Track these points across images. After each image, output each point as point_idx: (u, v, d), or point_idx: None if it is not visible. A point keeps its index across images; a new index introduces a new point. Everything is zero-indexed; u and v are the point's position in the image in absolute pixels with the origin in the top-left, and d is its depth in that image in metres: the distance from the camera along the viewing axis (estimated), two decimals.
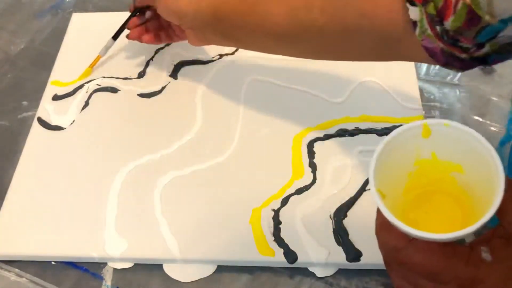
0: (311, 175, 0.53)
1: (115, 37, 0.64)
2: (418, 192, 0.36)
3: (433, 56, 0.37)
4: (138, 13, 0.61)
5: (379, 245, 0.34)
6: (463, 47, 0.36)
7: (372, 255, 0.47)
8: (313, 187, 0.53)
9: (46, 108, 0.62)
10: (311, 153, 0.55)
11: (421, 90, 0.60)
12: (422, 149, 0.35)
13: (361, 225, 0.49)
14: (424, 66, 0.63)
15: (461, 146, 0.34)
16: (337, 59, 0.51)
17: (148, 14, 0.62)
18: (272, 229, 0.50)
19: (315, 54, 0.51)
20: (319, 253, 0.48)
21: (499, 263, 0.30)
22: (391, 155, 0.34)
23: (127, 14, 0.62)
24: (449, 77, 0.62)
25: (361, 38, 0.42)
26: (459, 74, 0.62)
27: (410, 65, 0.61)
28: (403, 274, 0.33)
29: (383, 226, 0.33)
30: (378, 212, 0.33)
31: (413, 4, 0.36)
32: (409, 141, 0.35)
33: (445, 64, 0.38)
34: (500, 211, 0.30)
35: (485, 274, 0.30)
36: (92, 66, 0.63)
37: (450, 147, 0.35)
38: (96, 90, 0.63)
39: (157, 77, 0.64)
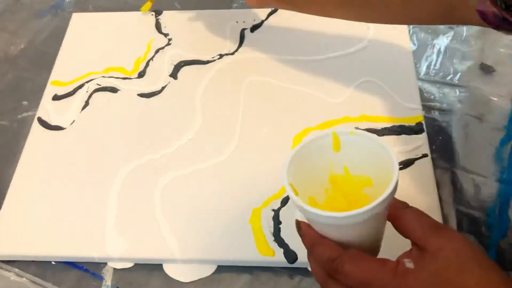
0: None
1: None
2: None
3: (485, 19, 0.41)
4: None
5: (314, 261, 0.36)
6: None
7: None
8: None
9: (46, 108, 0.62)
10: None
11: (421, 90, 0.60)
12: (335, 163, 0.38)
13: None
14: (424, 66, 0.63)
15: (368, 156, 0.36)
16: (395, 22, 0.54)
17: None
18: (272, 229, 0.50)
19: (375, 19, 0.52)
20: None
21: (421, 270, 0.32)
22: (306, 166, 0.37)
23: (127, 15, 0.62)
24: (449, 77, 0.62)
25: (421, 2, 0.45)
26: (459, 74, 0.62)
27: (410, 65, 0.61)
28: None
29: (315, 241, 0.36)
30: (306, 229, 0.36)
31: None
32: (323, 154, 0.38)
33: (497, 27, 0.41)
34: (406, 233, 0.34)
35: (411, 283, 0.32)
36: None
37: (359, 159, 0.37)
38: (96, 90, 0.63)
39: (157, 77, 0.64)
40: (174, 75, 0.64)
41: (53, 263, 0.51)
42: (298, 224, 0.37)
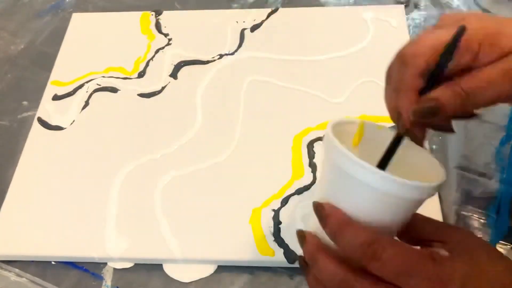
0: (311, 175, 0.53)
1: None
2: None
3: None
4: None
5: (343, 245, 0.31)
6: None
7: None
8: (313, 187, 0.52)
9: (46, 108, 0.62)
10: (311, 153, 0.55)
11: None
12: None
13: None
14: None
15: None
16: None
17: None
18: (272, 229, 0.50)
19: None
20: None
21: (456, 259, 0.30)
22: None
23: (127, 15, 0.62)
24: None
25: None
26: None
27: None
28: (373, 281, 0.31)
29: (345, 221, 0.31)
30: (331, 209, 0.31)
31: None
32: (342, 140, 0.32)
33: None
34: (417, 233, 0.33)
35: (449, 272, 0.30)
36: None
37: (375, 155, 0.34)
38: (96, 90, 0.63)
39: (157, 77, 0.64)
40: (174, 75, 0.64)
41: (53, 263, 0.51)
42: (320, 205, 0.32)
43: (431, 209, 0.50)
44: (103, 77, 0.64)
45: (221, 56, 0.65)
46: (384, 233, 0.31)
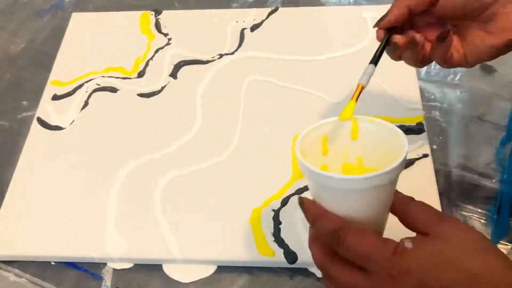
0: None
1: (375, 61, 0.44)
2: None
3: None
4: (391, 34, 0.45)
5: (318, 232, 0.36)
6: None
7: None
8: None
9: (46, 108, 0.62)
10: None
11: (421, 90, 0.60)
12: (351, 151, 0.38)
13: None
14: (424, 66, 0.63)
15: (382, 147, 0.37)
16: None
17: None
18: (272, 229, 0.50)
19: None
20: None
21: (419, 251, 0.32)
22: (319, 148, 0.38)
23: (127, 14, 0.62)
24: (449, 77, 0.62)
25: None
26: (460, 74, 0.62)
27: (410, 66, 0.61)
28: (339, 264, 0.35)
29: (319, 213, 0.35)
30: (309, 204, 0.36)
31: None
32: (340, 139, 0.38)
33: None
34: (412, 224, 0.35)
35: (409, 262, 0.32)
36: (356, 98, 0.41)
37: (373, 150, 0.38)
38: (95, 90, 0.63)
39: (157, 77, 0.64)
40: (174, 75, 0.64)
41: (53, 263, 0.51)
42: (301, 200, 0.37)
43: None
44: (103, 77, 0.64)
45: (221, 56, 0.65)
46: (363, 223, 0.35)
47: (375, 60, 0.43)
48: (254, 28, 0.68)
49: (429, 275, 0.31)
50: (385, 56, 0.45)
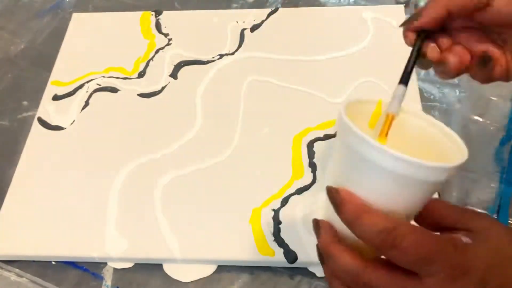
0: (311, 175, 0.53)
1: (405, 81, 0.35)
2: None
3: None
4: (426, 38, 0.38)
5: (360, 233, 0.30)
6: None
7: None
8: (313, 187, 0.53)
9: (46, 108, 0.62)
10: (311, 153, 0.55)
11: (421, 90, 0.60)
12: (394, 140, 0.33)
13: None
14: None
15: (412, 138, 0.33)
16: None
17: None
18: (272, 229, 0.50)
19: None
20: None
21: (480, 246, 0.30)
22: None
23: (127, 15, 0.62)
24: None
25: None
26: None
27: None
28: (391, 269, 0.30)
29: (363, 208, 0.30)
30: (348, 196, 0.30)
31: None
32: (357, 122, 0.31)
33: None
34: (440, 219, 0.32)
35: (471, 260, 0.29)
36: (386, 133, 0.33)
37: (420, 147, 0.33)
38: (96, 90, 0.63)
39: (157, 77, 0.64)
40: (174, 75, 0.64)
41: (53, 263, 0.51)
42: (335, 190, 0.31)
43: None
44: (103, 77, 0.64)
45: (221, 56, 0.65)
46: (402, 218, 0.30)
47: (405, 79, 0.34)
48: (254, 28, 0.68)
49: (492, 272, 0.29)
50: (384, 57, 0.44)
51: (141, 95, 0.62)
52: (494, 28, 0.37)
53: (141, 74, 0.64)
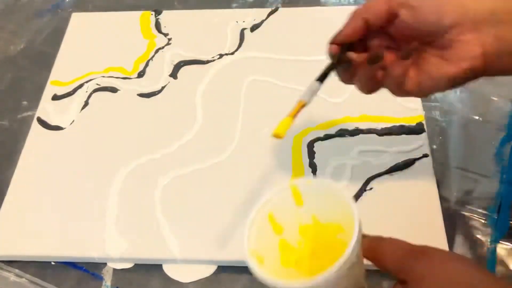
0: (311, 175, 0.53)
1: (322, 79, 0.44)
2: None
3: None
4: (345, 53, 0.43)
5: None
6: None
7: None
8: None
9: (46, 108, 0.62)
10: (311, 153, 0.55)
11: None
12: (302, 215, 0.35)
13: None
14: None
15: (332, 202, 0.34)
16: None
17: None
18: None
19: None
20: None
21: None
22: (269, 225, 0.35)
23: (127, 14, 0.62)
24: None
25: None
26: None
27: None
28: None
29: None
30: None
31: None
32: (286, 209, 0.35)
33: None
34: (385, 266, 0.32)
35: None
36: (293, 115, 0.42)
37: (325, 206, 0.34)
38: (95, 90, 0.63)
39: (157, 77, 0.64)
40: (174, 75, 0.64)
41: (53, 263, 0.51)
42: None
43: (431, 209, 0.50)
44: (103, 77, 0.64)
45: (221, 56, 0.65)
46: None
47: (321, 78, 0.42)
48: (254, 28, 0.68)
49: None
50: None
51: (141, 95, 0.62)
52: (405, 44, 0.41)
53: (140, 74, 0.64)
